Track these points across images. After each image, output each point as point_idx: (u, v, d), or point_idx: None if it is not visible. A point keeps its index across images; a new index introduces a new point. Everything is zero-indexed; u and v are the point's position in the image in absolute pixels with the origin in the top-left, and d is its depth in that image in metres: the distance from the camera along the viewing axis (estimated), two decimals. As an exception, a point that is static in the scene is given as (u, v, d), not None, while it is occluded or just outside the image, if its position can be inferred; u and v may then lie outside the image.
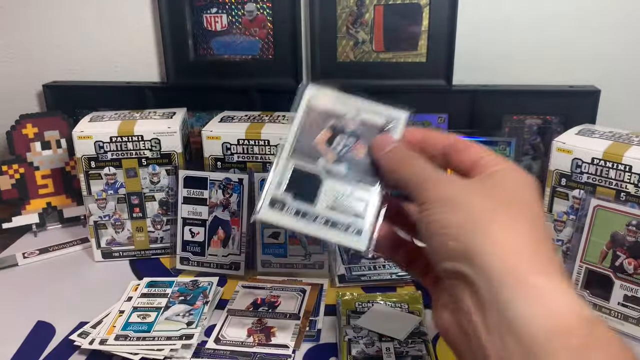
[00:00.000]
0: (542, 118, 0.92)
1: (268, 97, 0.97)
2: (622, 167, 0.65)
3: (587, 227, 0.67)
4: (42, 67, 1.06)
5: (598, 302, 0.67)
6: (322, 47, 0.94)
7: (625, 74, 0.92)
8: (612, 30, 0.90)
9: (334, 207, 0.39)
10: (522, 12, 0.91)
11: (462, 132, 0.91)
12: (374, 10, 0.91)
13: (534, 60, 0.93)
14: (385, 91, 0.93)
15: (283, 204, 0.39)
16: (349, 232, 0.38)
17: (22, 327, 0.69)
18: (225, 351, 0.63)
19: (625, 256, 0.65)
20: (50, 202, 0.97)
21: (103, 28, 1.01)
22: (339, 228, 0.38)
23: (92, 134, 0.81)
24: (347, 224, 0.38)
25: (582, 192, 0.69)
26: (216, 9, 0.95)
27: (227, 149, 0.81)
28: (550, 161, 0.72)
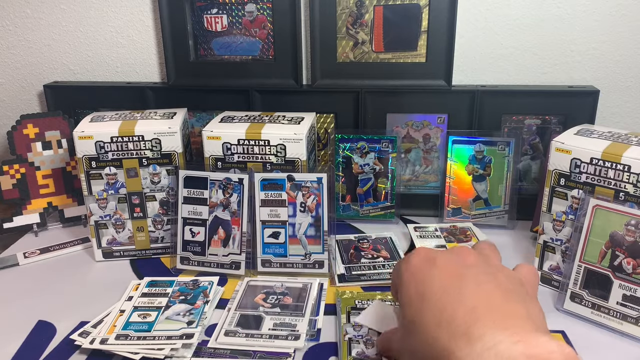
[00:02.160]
0: (541, 118, 0.92)
1: (268, 97, 0.97)
2: (621, 167, 0.65)
3: (586, 227, 0.68)
4: (42, 67, 1.06)
5: (597, 302, 0.68)
6: (322, 48, 0.94)
7: (625, 74, 0.92)
8: (612, 30, 0.90)
9: (275, 329, 0.66)
10: (521, 12, 0.91)
11: (462, 132, 0.92)
12: (373, 10, 0.91)
13: (533, 61, 0.93)
14: (385, 91, 0.94)
15: (235, 332, 0.66)
16: (288, 339, 0.64)
17: (22, 326, 0.69)
18: (225, 350, 0.63)
19: (624, 256, 0.65)
20: (51, 202, 0.97)
21: (104, 28, 1.02)
22: (280, 339, 0.64)
23: (92, 134, 0.81)
24: (286, 335, 0.64)
25: (581, 192, 0.70)
26: (216, 10, 0.96)
27: (228, 149, 0.81)
28: (549, 161, 0.72)
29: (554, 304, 0.72)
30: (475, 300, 0.38)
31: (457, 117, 0.93)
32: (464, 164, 0.92)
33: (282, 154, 0.80)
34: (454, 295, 0.40)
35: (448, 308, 0.39)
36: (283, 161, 0.80)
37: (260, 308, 0.71)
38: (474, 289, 0.40)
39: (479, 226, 0.90)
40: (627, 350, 0.64)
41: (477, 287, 0.40)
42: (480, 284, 0.41)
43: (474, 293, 0.39)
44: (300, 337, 0.64)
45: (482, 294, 0.39)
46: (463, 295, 0.39)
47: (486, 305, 0.38)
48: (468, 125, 0.93)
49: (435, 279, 0.42)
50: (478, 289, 0.40)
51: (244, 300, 0.73)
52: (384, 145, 0.92)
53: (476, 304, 0.38)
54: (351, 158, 0.94)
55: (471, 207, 0.93)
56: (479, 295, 0.39)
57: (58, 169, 0.97)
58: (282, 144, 0.80)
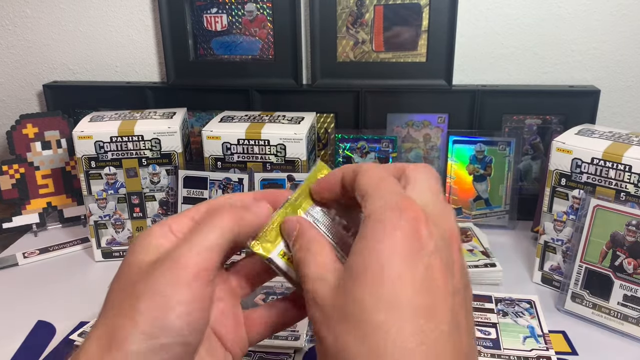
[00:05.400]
0: (542, 118, 0.92)
1: (268, 97, 0.97)
2: (621, 167, 0.65)
3: (587, 227, 0.68)
4: (42, 67, 1.06)
5: (598, 302, 0.68)
6: (322, 47, 0.94)
7: (626, 73, 0.92)
8: (612, 30, 0.90)
9: None
10: (522, 12, 0.91)
11: (462, 132, 0.92)
12: (374, 10, 0.91)
13: (534, 60, 0.93)
14: (385, 91, 0.94)
15: None
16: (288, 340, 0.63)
17: (22, 326, 0.69)
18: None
19: (624, 256, 0.65)
20: (50, 202, 0.97)
21: (103, 28, 1.02)
22: (280, 339, 0.63)
23: (92, 133, 0.81)
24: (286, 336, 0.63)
25: (581, 192, 0.70)
26: (216, 9, 0.95)
27: (227, 149, 0.81)
28: (550, 161, 0.72)
29: (554, 304, 0.72)
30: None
31: (457, 117, 0.93)
32: (464, 164, 0.92)
33: (282, 154, 0.80)
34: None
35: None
36: (283, 161, 0.80)
37: None
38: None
39: (479, 226, 0.90)
40: (627, 351, 0.64)
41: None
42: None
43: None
44: (300, 338, 0.64)
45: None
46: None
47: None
48: (468, 125, 0.93)
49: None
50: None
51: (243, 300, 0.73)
52: (384, 145, 0.92)
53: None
54: (351, 158, 0.94)
55: (472, 207, 0.93)
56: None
57: (57, 168, 0.97)
58: (282, 144, 0.79)
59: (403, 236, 0.27)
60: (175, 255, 0.30)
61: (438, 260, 0.27)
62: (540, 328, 0.66)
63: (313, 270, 0.30)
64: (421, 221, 0.27)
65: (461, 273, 0.29)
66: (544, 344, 0.64)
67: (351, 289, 0.27)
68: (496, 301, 0.71)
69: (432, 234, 0.27)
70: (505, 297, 0.72)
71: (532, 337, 0.65)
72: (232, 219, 0.32)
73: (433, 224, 0.28)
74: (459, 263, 0.29)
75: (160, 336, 0.27)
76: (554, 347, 0.63)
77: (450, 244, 0.28)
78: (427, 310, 0.26)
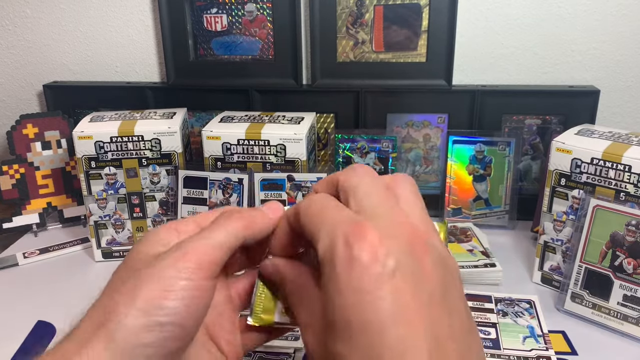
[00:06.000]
0: (541, 118, 0.92)
1: (268, 97, 0.97)
2: (621, 167, 0.65)
3: (587, 227, 0.68)
4: (42, 67, 1.06)
5: (598, 302, 0.68)
6: (322, 47, 0.94)
7: (626, 73, 0.92)
8: (612, 30, 0.90)
9: None
10: (522, 12, 0.91)
11: (462, 132, 0.92)
12: (373, 10, 0.91)
13: (533, 61, 0.93)
14: (385, 91, 0.94)
15: None
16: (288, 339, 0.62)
17: (22, 326, 0.69)
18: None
19: (624, 256, 0.65)
20: (50, 202, 0.97)
21: (103, 28, 1.02)
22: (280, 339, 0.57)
23: (92, 134, 0.81)
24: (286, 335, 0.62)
25: (581, 192, 0.70)
26: (216, 9, 0.95)
27: (227, 149, 0.81)
28: (550, 161, 0.72)
29: (554, 304, 0.72)
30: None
31: (457, 117, 0.93)
32: (464, 164, 0.92)
33: (282, 154, 0.80)
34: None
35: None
36: (283, 161, 0.80)
37: None
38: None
39: (479, 226, 0.90)
40: (627, 351, 0.64)
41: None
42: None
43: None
44: (300, 337, 0.64)
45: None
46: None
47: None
48: (468, 125, 0.93)
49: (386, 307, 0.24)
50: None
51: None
52: (384, 145, 0.92)
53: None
54: (351, 158, 0.94)
55: (471, 207, 0.93)
56: None
57: (57, 169, 0.97)
58: (282, 144, 0.79)
59: (360, 274, 0.24)
60: (182, 246, 0.30)
61: (403, 279, 0.25)
62: (540, 328, 0.66)
63: (302, 318, 0.30)
64: (375, 244, 0.25)
65: (432, 270, 0.26)
66: (543, 344, 0.64)
67: (328, 343, 0.26)
68: (496, 301, 0.71)
69: (389, 252, 0.25)
70: (505, 297, 0.72)
71: (532, 337, 0.65)
72: (241, 222, 0.32)
73: (387, 237, 0.25)
74: (428, 257, 0.26)
75: (157, 315, 0.28)
76: (554, 347, 0.63)
77: (410, 246, 0.26)
78: (402, 343, 0.24)
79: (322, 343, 0.27)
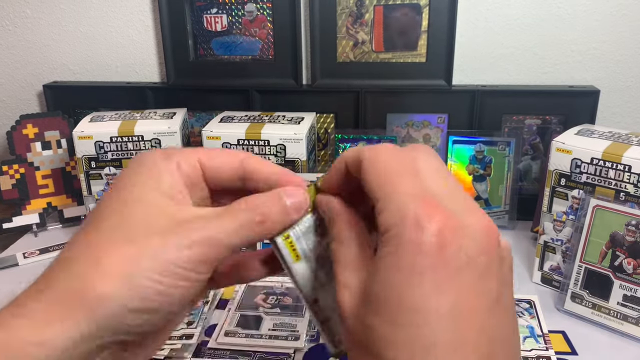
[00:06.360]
0: (541, 118, 0.92)
1: (268, 97, 0.97)
2: (621, 167, 0.65)
3: (587, 227, 0.68)
4: (42, 67, 1.06)
5: (597, 302, 0.68)
6: (322, 47, 0.94)
7: (625, 73, 0.92)
8: (612, 30, 0.90)
9: (275, 329, 0.66)
10: (522, 12, 0.91)
11: (462, 132, 0.92)
12: (373, 10, 0.91)
13: (533, 61, 0.93)
14: (385, 91, 0.94)
15: (235, 333, 0.66)
16: (288, 340, 0.64)
17: (22, 326, 0.69)
18: (225, 350, 0.63)
19: (624, 256, 0.65)
20: (50, 202, 0.97)
21: (104, 28, 1.02)
22: (280, 339, 0.64)
23: (92, 134, 0.81)
24: (286, 336, 0.65)
25: (581, 192, 0.70)
26: (216, 10, 0.95)
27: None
28: (550, 161, 0.72)
29: (554, 304, 0.72)
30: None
31: (457, 117, 0.93)
32: (464, 164, 0.92)
33: (282, 154, 0.80)
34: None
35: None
36: (283, 161, 0.80)
37: (260, 308, 0.71)
38: None
39: (479, 226, 0.90)
40: (627, 351, 0.64)
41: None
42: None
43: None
44: (300, 338, 0.64)
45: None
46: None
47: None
48: (468, 125, 0.93)
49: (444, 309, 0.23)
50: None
51: (244, 300, 0.73)
52: (384, 145, 0.92)
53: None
54: (351, 158, 0.93)
55: (471, 207, 0.93)
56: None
57: (57, 169, 0.97)
58: (282, 144, 0.79)
59: (426, 262, 0.23)
60: (190, 232, 0.27)
61: (470, 276, 0.23)
62: (540, 328, 0.66)
63: (342, 275, 0.27)
64: (447, 232, 0.23)
65: (499, 273, 0.24)
66: (543, 344, 0.64)
67: (367, 316, 0.24)
68: (496, 301, 0.71)
69: (461, 245, 0.23)
70: (505, 297, 0.72)
71: (532, 337, 0.65)
72: (256, 217, 0.29)
73: (461, 227, 0.24)
74: (496, 261, 0.24)
75: (152, 302, 0.26)
76: (554, 347, 0.63)
77: (484, 239, 0.24)
78: (451, 346, 0.22)
79: (360, 311, 0.25)
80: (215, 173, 0.31)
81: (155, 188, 0.29)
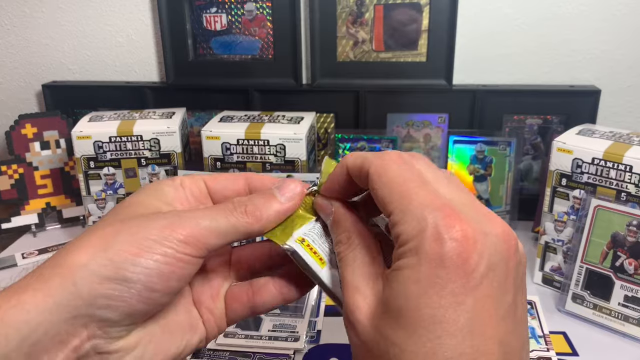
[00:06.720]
0: (542, 118, 0.92)
1: (268, 97, 0.97)
2: (622, 167, 0.65)
3: (588, 228, 0.67)
4: (41, 66, 1.05)
5: (598, 303, 0.67)
6: (322, 47, 0.93)
7: (626, 73, 0.92)
8: (612, 30, 0.90)
9: (274, 330, 0.65)
10: (522, 12, 0.90)
11: (463, 132, 0.91)
12: (374, 9, 0.91)
13: (534, 60, 0.93)
14: (385, 91, 0.93)
15: (234, 334, 0.65)
16: (288, 341, 0.64)
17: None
18: (224, 351, 0.63)
19: (625, 256, 0.65)
20: (49, 202, 0.96)
21: (102, 28, 1.01)
22: (280, 340, 0.64)
23: (91, 134, 0.80)
24: (285, 337, 0.64)
25: (582, 192, 0.69)
26: (216, 9, 0.95)
27: (227, 149, 0.80)
28: (551, 161, 0.72)
29: (555, 305, 0.72)
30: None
31: (458, 117, 0.93)
32: (464, 164, 0.92)
33: (281, 154, 0.80)
34: None
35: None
36: (283, 161, 0.80)
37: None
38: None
39: (479, 226, 0.90)
40: (628, 352, 0.63)
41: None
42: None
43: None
44: (300, 339, 0.64)
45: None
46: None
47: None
48: (469, 125, 0.92)
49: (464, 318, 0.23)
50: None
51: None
52: (384, 146, 0.92)
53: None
54: (351, 158, 0.93)
55: (472, 208, 0.92)
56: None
57: (56, 169, 0.96)
58: (281, 144, 0.79)
59: (447, 274, 0.23)
60: (175, 218, 0.28)
61: (489, 286, 0.23)
62: (541, 329, 0.66)
63: (350, 275, 0.27)
64: (467, 243, 0.23)
65: (515, 279, 0.24)
66: (544, 344, 0.63)
67: (384, 326, 0.24)
68: (497, 302, 0.71)
69: (482, 254, 0.23)
70: (505, 298, 0.72)
71: (533, 338, 0.65)
72: (248, 219, 0.30)
73: (481, 236, 0.23)
74: (514, 268, 0.24)
75: (126, 269, 0.26)
76: (555, 348, 0.63)
77: (503, 247, 0.24)
78: (470, 357, 0.22)
79: (377, 322, 0.25)
80: (221, 190, 0.33)
81: (158, 198, 0.31)
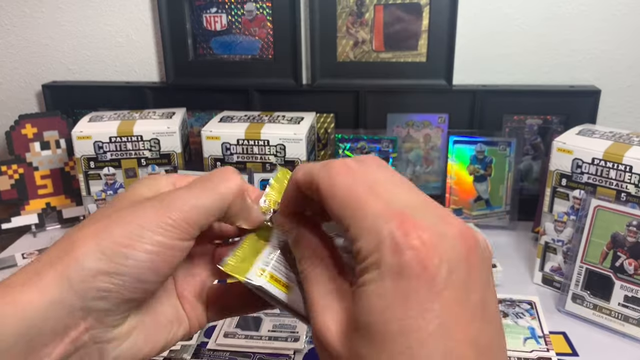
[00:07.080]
0: (542, 118, 0.92)
1: (268, 97, 0.97)
2: (622, 168, 0.65)
3: (588, 228, 0.67)
4: (41, 67, 1.05)
5: (598, 303, 0.67)
6: (322, 47, 0.93)
7: (626, 73, 0.92)
8: (612, 30, 0.89)
9: (274, 330, 0.65)
10: (522, 12, 0.90)
11: (463, 132, 0.91)
12: (374, 10, 0.91)
13: (534, 60, 0.93)
14: (385, 91, 0.93)
15: (235, 334, 0.65)
16: (288, 341, 0.64)
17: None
18: (224, 352, 0.63)
19: (625, 257, 0.65)
20: (49, 202, 0.96)
21: (102, 28, 1.01)
22: (280, 340, 0.64)
23: (91, 134, 0.81)
24: (285, 337, 0.65)
25: (582, 193, 0.69)
26: (216, 9, 0.95)
27: (227, 149, 0.80)
28: (551, 161, 0.72)
29: (555, 305, 0.72)
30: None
31: (458, 117, 0.93)
32: (464, 164, 0.92)
33: (281, 154, 0.80)
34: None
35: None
36: (283, 161, 0.80)
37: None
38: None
39: (480, 227, 0.90)
40: (628, 352, 0.63)
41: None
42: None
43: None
44: (300, 339, 0.64)
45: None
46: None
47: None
48: (469, 125, 0.92)
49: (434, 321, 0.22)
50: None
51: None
52: (384, 146, 0.92)
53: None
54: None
55: (472, 208, 0.92)
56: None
57: (56, 169, 0.96)
58: (281, 144, 0.79)
59: (409, 285, 0.22)
60: (165, 199, 0.29)
61: (454, 288, 0.23)
62: (541, 329, 0.66)
63: (318, 297, 0.27)
64: (425, 249, 0.22)
65: (481, 276, 0.24)
66: (544, 345, 0.63)
67: (356, 345, 0.24)
68: (496, 302, 0.71)
69: (441, 258, 0.22)
70: (505, 298, 0.72)
71: (533, 338, 0.65)
72: (237, 186, 0.30)
73: (438, 239, 0.23)
74: (478, 265, 0.24)
75: (119, 263, 0.27)
76: (555, 348, 0.63)
77: (465, 250, 0.23)
78: (446, 357, 0.22)
79: (348, 341, 0.24)
80: None
81: (154, 190, 0.31)
